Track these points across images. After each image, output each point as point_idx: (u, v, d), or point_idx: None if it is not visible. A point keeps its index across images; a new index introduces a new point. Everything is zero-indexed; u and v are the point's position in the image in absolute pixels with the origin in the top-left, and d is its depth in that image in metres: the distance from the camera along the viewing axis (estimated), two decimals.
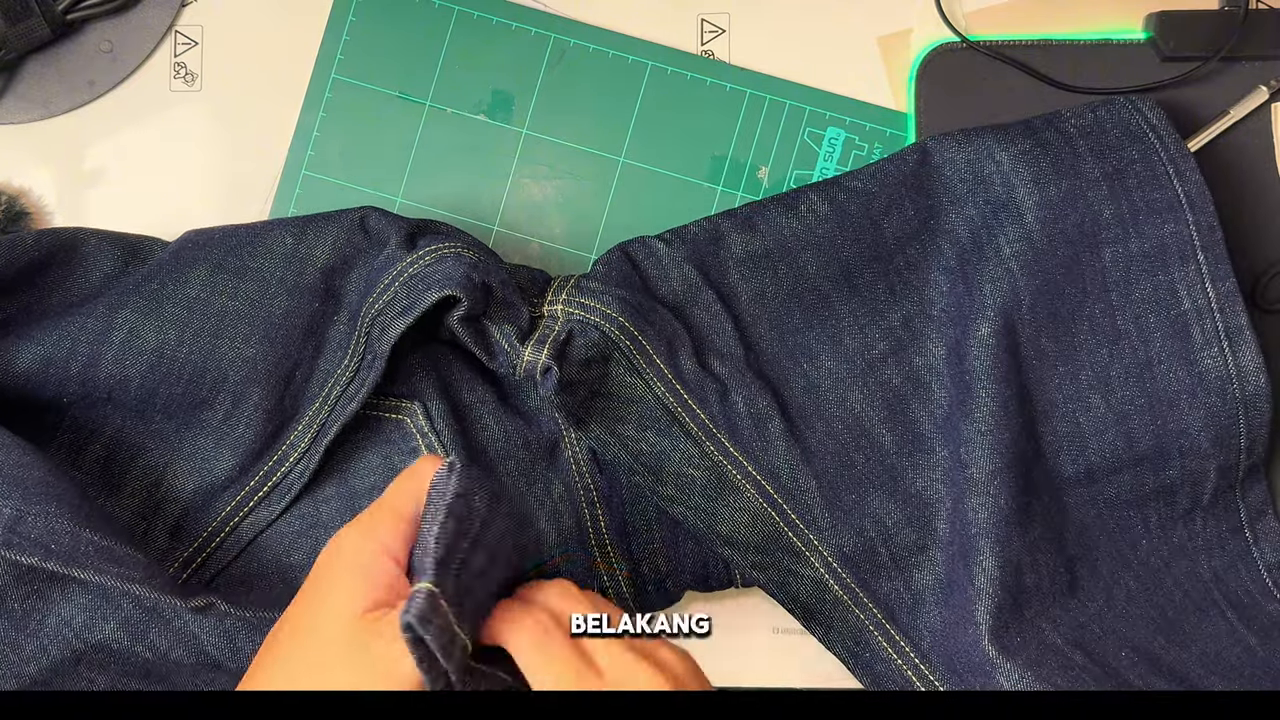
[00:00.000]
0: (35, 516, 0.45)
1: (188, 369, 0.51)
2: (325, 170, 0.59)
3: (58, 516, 0.45)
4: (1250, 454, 0.52)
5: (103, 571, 0.46)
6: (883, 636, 0.52)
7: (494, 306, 0.50)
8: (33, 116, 0.58)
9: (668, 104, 0.58)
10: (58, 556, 0.45)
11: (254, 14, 0.59)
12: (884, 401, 0.54)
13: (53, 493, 0.46)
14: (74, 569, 0.45)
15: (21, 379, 0.50)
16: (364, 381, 0.51)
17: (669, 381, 0.52)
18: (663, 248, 0.53)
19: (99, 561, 0.46)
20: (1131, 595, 0.52)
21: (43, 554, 0.45)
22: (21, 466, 0.46)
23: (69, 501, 0.46)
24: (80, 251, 0.53)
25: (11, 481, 0.46)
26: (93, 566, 0.45)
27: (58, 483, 0.46)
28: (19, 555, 0.45)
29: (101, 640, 0.49)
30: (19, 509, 0.45)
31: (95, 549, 0.46)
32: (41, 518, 0.45)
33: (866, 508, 0.52)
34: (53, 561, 0.45)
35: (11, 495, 0.45)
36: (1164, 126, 0.52)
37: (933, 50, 0.58)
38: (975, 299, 0.52)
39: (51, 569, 0.45)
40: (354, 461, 0.53)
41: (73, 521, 0.45)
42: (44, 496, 0.46)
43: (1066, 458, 0.52)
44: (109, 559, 0.46)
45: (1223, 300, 0.51)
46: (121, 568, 0.46)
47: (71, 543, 0.45)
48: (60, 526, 0.45)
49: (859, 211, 0.53)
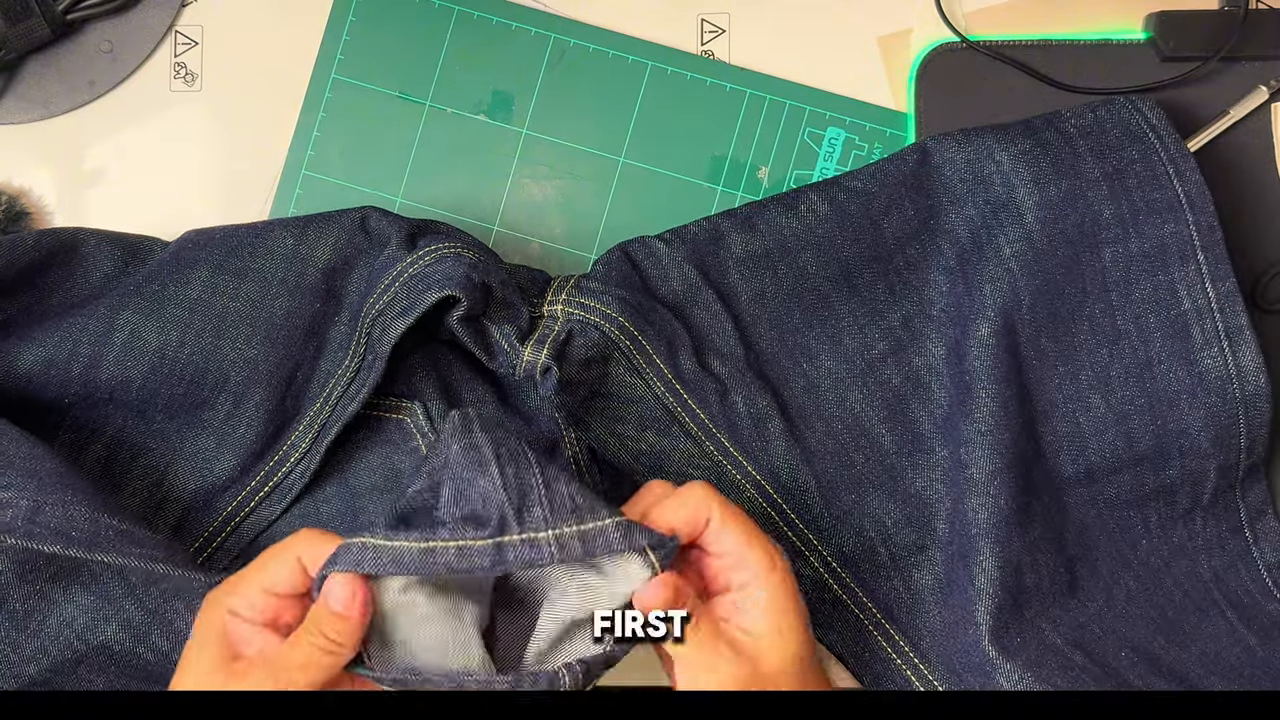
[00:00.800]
0: (53, 505, 0.45)
1: (189, 370, 0.51)
2: (325, 170, 0.59)
3: (74, 504, 0.45)
4: (1250, 454, 0.52)
5: (125, 553, 0.45)
6: (882, 636, 0.52)
7: (494, 306, 0.50)
8: (33, 116, 0.58)
9: (668, 104, 0.58)
10: (79, 543, 0.45)
11: (254, 14, 0.59)
12: (883, 401, 0.54)
13: (66, 482, 0.46)
14: (96, 553, 0.45)
15: (23, 380, 0.50)
16: (364, 382, 0.51)
17: (669, 381, 0.52)
18: (663, 248, 0.53)
19: (120, 544, 0.45)
20: (1131, 595, 0.52)
21: (64, 542, 0.45)
22: (33, 459, 0.46)
23: (83, 489, 0.46)
24: (80, 252, 0.53)
25: (26, 474, 0.45)
26: (115, 549, 0.45)
27: (70, 472, 0.46)
28: (40, 544, 0.44)
29: (103, 642, 0.49)
30: (36, 499, 0.45)
31: (115, 533, 0.45)
32: (59, 506, 0.45)
33: (866, 508, 0.52)
34: (74, 548, 0.45)
35: (27, 487, 0.45)
36: (1164, 126, 0.52)
37: (933, 50, 0.58)
38: (975, 299, 0.52)
39: (74, 555, 0.45)
40: (355, 462, 0.53)
41: (89, 508, 0.45)
42: (59, 486, 0.45)
43: (1066, 458, 0.52)
44: (130, 541, 0.45)
45: (1223, 300, 0.51)
46: (143, 549, 0.46)
47: (91, 528, 0.45)
48: (78, 513, 0.45)
49: (859, 211, 0.53)
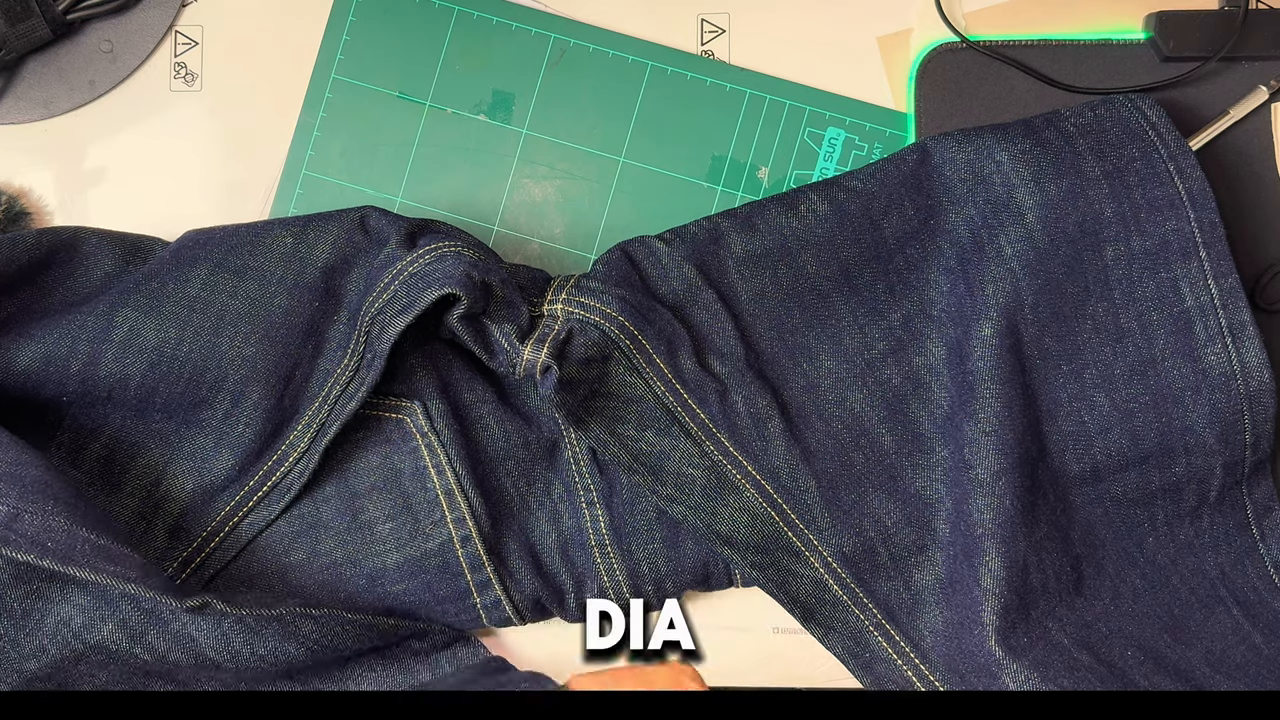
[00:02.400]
0: (31, 514, 0.45)
1: (187, 368, 0.51)
2: (325, 170, 0.59)
3: (54, 514, 0.45)
4: (1255, 450, 0.52)
5: (98, 570, 0.45)
6: (882, 636, 0.52)
7: (494, 305, 0.50)
8: (33, 116, 0.58)
9: (668, 104, 0.58)
10: (53, 554, 0.45)
11: (254, 14, 0.59)
12: (883, 401, 0.53)
13: (49, 491, 0.46)
14: (69, 567, 0.45)
15: (22, 377, 0.50)
16: (364, 380, 0.51)
17: (668, 381, 0.51)
18: (662, 247, 0.53)
19: (95, 560, 0.45)
20: (1138, 593, 0.52)
21: (39, 551, 0.45)
22: (19, 465, 0.46)
23: (65, 500, 0.46)
24: (81, 251, 0.53)
25: (8, 479, 0.45)
26: (88, 565, 0.45)
27: (54, 482, 0.46)
28: (15, 552, 0.44)
29: (99, 641, 0.49)
30: (15, 507, 0.45)
31: (91, 547, 0.45)
32: (38, 515, 0.45)
33: (866, 507, 0.52)
34: (48, 559, 0.45)
35: (8, 493, 0.45)
36: (1164, 124, 0.52)
37: (933, 50, 0.58)
38: (977, 299, 0.52)
39: (47, 567, 0.45)
40: (354, 462, 0.53)
41: (69, 520, 0.45)
42: (41, 495, 0.45)
43: (1072, 456, 0.52)
44: (105, 558, 0.46)
45: (1225, 296, 0.51)
46: (117, 566, 0.46)
47: (67, 540, 0.45)
48: (56, 524, 0.45)
49: (859, 211, 0.53)
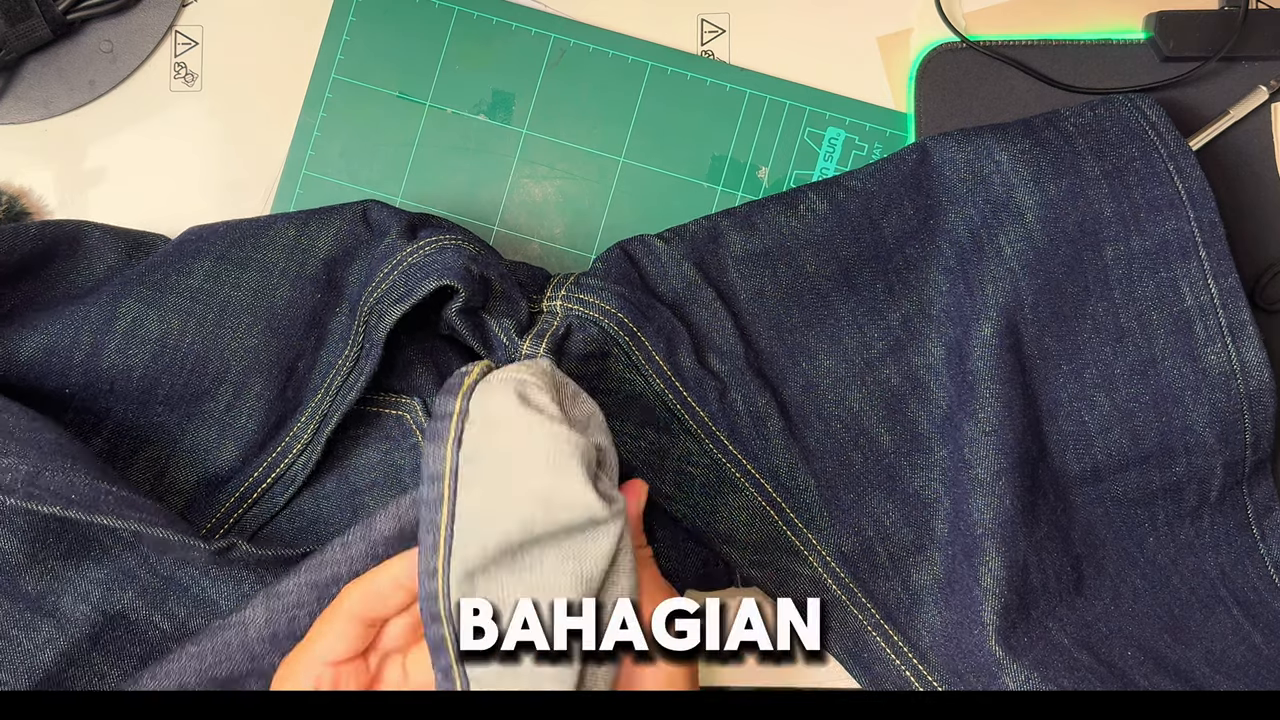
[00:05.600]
0: (53, 471, 0.44)
1: (190, 359, 0.51)
2: (325, 170, 0.59)
3: (74, 471, 0.45)
4: (1256, 450, 0.52)
5: (124, 516, 0.45)
6: (881, 636, 0.52)
7: (493, 300, 0.50)
8: (33, 116, 0.58)
9: (668, 104, 0.58)
10: (79, 505, 0.44)
11: (254, 14, 0.59)
12: (882, 401, 0.53)
13: (68, 451, 0.45)
14: (96, 515, 0.44)
15: (25, 368, 0.50)
16: (363, 370, 0.50)
17: (668, 378, 0.51)
18: (662, 246, 0.53)
19: (120, 508, 0.45)
20: (1138, 593, 0.52)
21: (63, 503, 0.44)
22: (33, 430, 0.46)
23: (85, 459, 0.45)
24: (84, 244, 0.53)
25: (25, 443, 0.45)
26: (115, 512, 0.44)
27: (71, 443, 0.46)
28: (39, 505, 0.44)
29: (120, 610, 0.48)
30: (36, 465, 0.44)
31: (115, 498, 0.45)
32: (60, 472, 0.44)
33: (865, 507, 0.52)
34: (74, 510, 0.44)
35: (28, 454, 0.44)
36: (1164, 124, 0.52)
37: (933, 50, 0.58)
38: (976, 299, 0.52)
39: (74, 516, 0.44)
40: (354, 458, 0.53)
41: (90, 475, 0.45)
42: (60, 454, 0.45)
43: (1072, 456, 0.52)
44: (130, 506, 0.45)
45: (1225, 296, 0.51)
46: (143, 514, 0.45)
47: (91, 492, 0.44)
48: (79, 479, 0.44)
49: (858, 211, 0.53)
